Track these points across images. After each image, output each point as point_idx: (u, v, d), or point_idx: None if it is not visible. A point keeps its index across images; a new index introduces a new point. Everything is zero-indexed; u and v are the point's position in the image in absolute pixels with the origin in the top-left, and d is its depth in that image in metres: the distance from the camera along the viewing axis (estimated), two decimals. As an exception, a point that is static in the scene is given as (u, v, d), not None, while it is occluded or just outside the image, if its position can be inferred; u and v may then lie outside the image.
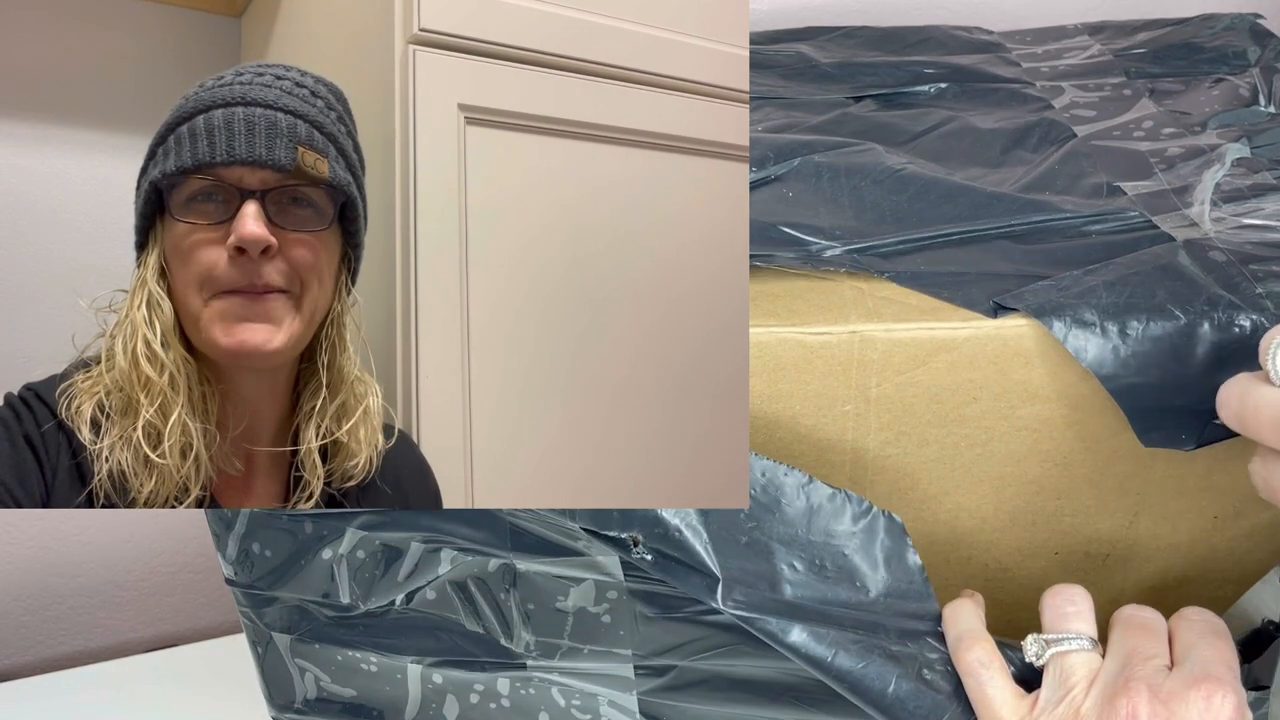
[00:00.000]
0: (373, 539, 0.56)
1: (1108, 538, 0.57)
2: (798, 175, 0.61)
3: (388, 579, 0.57)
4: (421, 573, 0.56)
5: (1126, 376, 0.51)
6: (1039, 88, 0.72)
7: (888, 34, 0.82)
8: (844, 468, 0.55)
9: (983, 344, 0.52)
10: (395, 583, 0.57)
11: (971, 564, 0.58)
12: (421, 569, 0.56)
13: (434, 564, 0.56)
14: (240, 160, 0.45)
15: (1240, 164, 0.61)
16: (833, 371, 0.52)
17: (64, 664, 0.87)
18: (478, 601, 0.56)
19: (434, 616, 0.57)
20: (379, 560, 0.56)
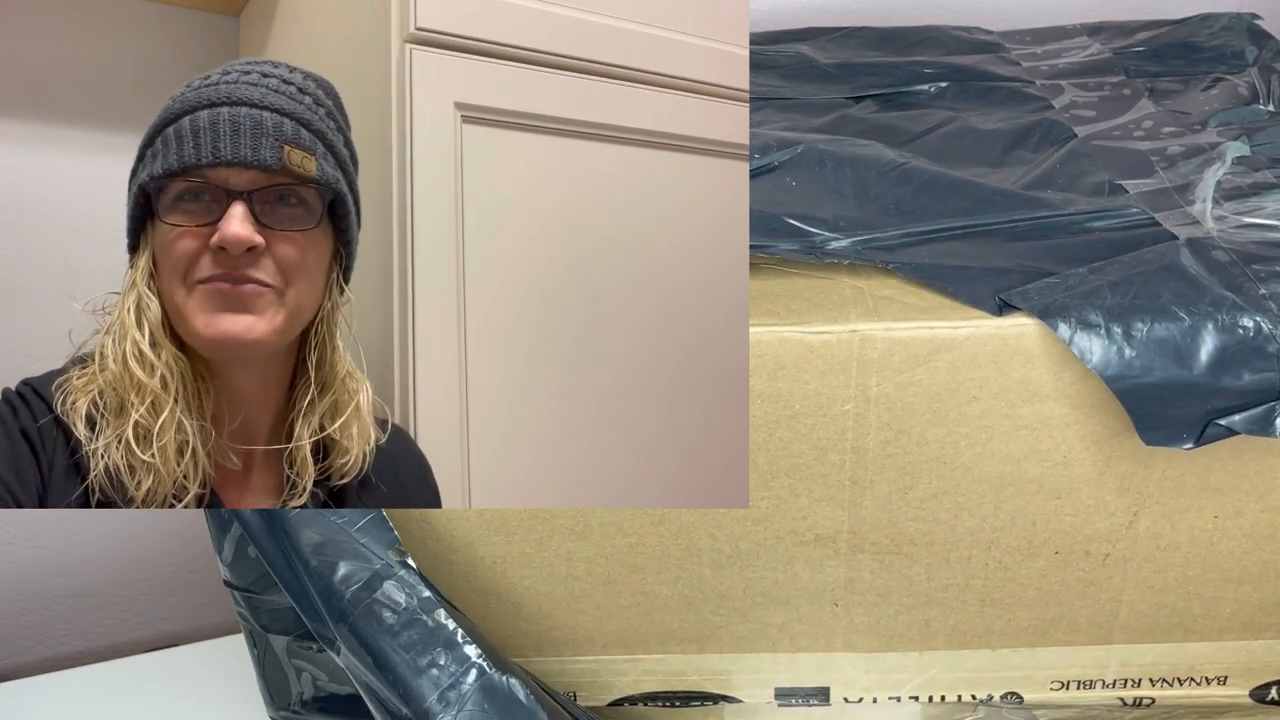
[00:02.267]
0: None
1: (1108, 537, 0.57)
2: (800, 163, 0.60)
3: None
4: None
5: (1131, 378, 0.51)
6: (1039, 86, 0.72)
7: (888, 34, 0.82)
8: (844, 467, 0.55)
9: (983, 343, 0.52)
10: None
11: (971, 563, 0.58)
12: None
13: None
14: (225, 161, 0.45)
15: (1241, 162, 0.61)
16: (832, 370, 0.52)
17: (64, 664, 0.87)
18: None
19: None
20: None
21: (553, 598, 0.61)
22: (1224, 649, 0.62)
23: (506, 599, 0.61)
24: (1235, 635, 0.61)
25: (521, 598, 0.61)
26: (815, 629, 0.61)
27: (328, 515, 0.54)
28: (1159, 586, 0.59)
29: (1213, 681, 0.63)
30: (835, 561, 0.59)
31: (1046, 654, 0.62)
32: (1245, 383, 0.50)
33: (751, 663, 0.63)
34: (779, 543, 0.58)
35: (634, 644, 0.63)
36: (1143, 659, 0.62)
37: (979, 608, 0.60)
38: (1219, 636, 0.61)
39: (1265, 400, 0.50)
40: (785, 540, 0.58)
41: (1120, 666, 0.62)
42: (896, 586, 0.59)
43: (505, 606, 0.61)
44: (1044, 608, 0.60)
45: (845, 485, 0.56)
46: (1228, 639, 0.61)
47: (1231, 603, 0.59)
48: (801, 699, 0.64)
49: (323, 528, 0.53)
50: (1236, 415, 0.51)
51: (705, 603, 0.61)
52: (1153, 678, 0.63)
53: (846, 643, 0.62)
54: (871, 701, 0.64)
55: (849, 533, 0.57)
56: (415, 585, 0.53)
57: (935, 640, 0.62)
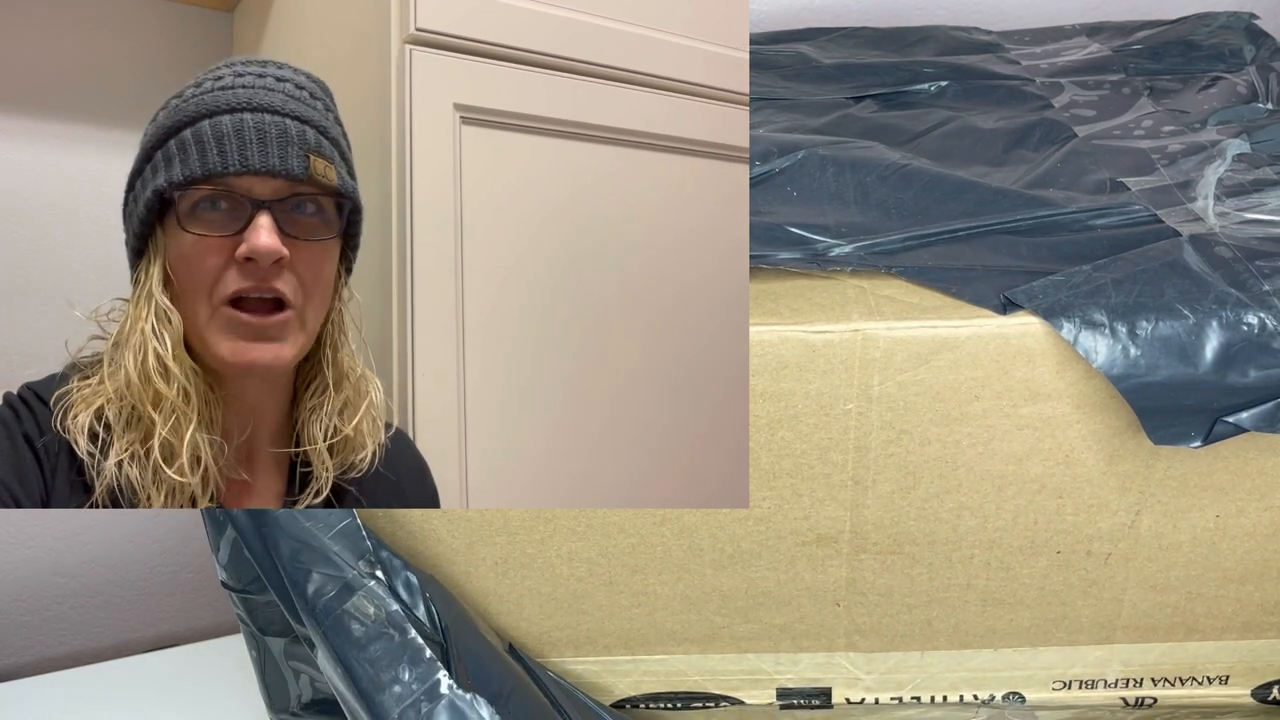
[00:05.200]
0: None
1: (1110, 536, 0.57)
2: (801, 169, 0.60)
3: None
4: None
5: (1136, 376, 0.51)
6: (1038, 85, 0.72)
7: (888, 34, 0.82)
8: (846, 467, 0.55)
9: (985, 342, 0.52)
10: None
11: (973, 563, 0.58)
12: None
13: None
14: (254, 170, 0.44)
15: (1241, 159, 0.61)
16: (835, 370, 0.52)
17: (64, 664, 0.87)
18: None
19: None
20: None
21: (554, 598, 0.61)
22: (1226, 649, 0.62)
23: (508, 600, 0.61)
24: (1237, 635, 0.61)
25: (523, 598, 0.61)
26: (817, 629, 0.61)
27: (302, 519, 0.53)
28: (1161, 586, 0.59)
29: (1214, 681, 0.63)
30: (837, 561, 0.58)
31: (1048, 654, 0.62)
32: (1252, 379, 0.50)
33: (753, 663, 0.63)
34: (781, 543, 0.58)
35: (635, 644, 0.62)
36: (1144, 659, 0.62)
37: (981, 607, 0.60)
38: (1221, 636, 0.61)
39: (1272, 397, 0.50)
40: (787, 540, 0.58)
41: (1122, 666, 0.62)
42: (898, 586, 0.59)
43: (507, 607, 0.61)
44: (1046, 607, 0.60)
45: (847, 485, 0.56)
46: (1229, 638, 0.61)
47: (1233, 602, 0.59)
48: (803, 699, 0.64)
49: (299, 532, 0.53)
50: (1244, 412, 0.51)
51: (707, 603, 0.61)
52: (1154, 677, 0.63)
53: (848, 643, 0.62)
54: (874, 702, 0.64)
55: (851, 532, 0.57)
56: (383, 598, 0.53)
57: (937, 640, 0.62)
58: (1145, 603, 0.60)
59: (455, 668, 0.52)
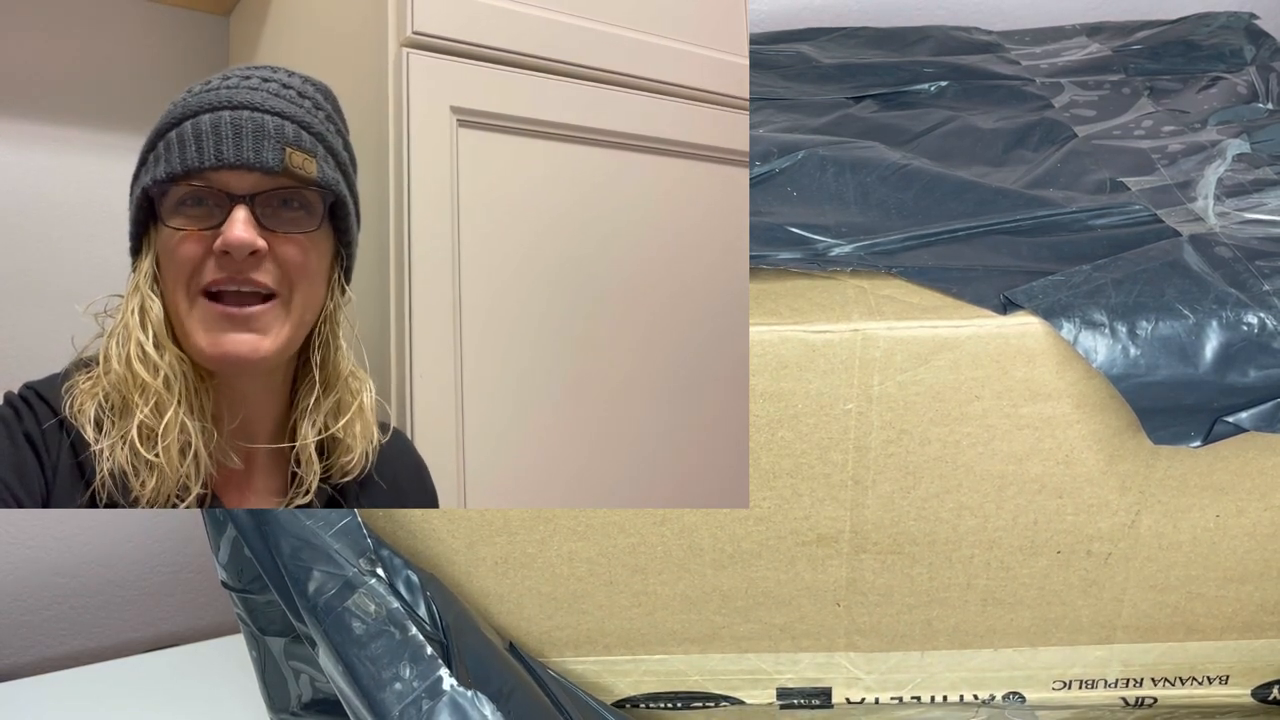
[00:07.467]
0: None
1: (1110, 536, 0.57)
2: (801, 170, 0.60)
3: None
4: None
5: (1136, 376, 0.51)
6: (1038, 85, 0.72)
7: (888, 34, 0.82)
8: (846, 466, 0.55)
9: (985, 342, 0.52)
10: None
11: (973, 563, 0.58)
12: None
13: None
14: (228, 164, 0.45)
15: (1241, 159, 0.61)
16: (835, 370, 0.52)
17: (64, 664, 0.87)
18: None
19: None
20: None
21: (554, 598, 0.61)
22: (1226, 648, 0.62)
23: (508, 599, 0.61)
24: (1237, 635, 0.61)
25: (523, 598, 0.61)
26: (817, 629, 0.61)
27: (303, 518, 0.53)
28: (1161, 586, 0.59)
29: (1214, 681, 0.63)
30: (837, 561, 0.58)
31: (1048, 653, 0.62)
32: (1251, 379, 0.50)
33: (753, 663, 0.63)
34: (781, 542, 0.58)
35: (636, 644, 0.62)
36: (1144, 658, 0.62)
37: (981, 607, 0.60)
38: (1221, 636, 0.61)
39: (1272, 396, 0.50)
40: (787, 540, 0.58)
41: (1122, 666, 0.62)
42: (898, 586, 0.59)
43: (507, 607, 0.61)
44: (1046, 607, 0.60)
45: (847, 485, 0.56)
46: (1229, 638, 0.61)
47: (1233, 602, 0.59)
48: (803, 699, 0.64)
49: (300, 530, 0.53)
50: (1244, 412, 0.51)
51: (707, 603, 0.61)
52: (1154, 677, 0.63)
53: (848, 642, 0.62)
54: (874, 702, 0.64)
55: (851, 532, 0.57)
56: (384, 596, 0.53)
57: (937, 640, 0.62)
58: (1145, 602, 0.60)
59: (456, 666, 0.52)
